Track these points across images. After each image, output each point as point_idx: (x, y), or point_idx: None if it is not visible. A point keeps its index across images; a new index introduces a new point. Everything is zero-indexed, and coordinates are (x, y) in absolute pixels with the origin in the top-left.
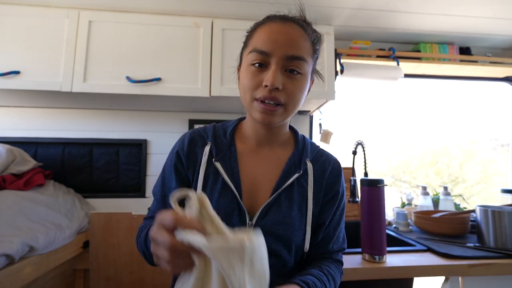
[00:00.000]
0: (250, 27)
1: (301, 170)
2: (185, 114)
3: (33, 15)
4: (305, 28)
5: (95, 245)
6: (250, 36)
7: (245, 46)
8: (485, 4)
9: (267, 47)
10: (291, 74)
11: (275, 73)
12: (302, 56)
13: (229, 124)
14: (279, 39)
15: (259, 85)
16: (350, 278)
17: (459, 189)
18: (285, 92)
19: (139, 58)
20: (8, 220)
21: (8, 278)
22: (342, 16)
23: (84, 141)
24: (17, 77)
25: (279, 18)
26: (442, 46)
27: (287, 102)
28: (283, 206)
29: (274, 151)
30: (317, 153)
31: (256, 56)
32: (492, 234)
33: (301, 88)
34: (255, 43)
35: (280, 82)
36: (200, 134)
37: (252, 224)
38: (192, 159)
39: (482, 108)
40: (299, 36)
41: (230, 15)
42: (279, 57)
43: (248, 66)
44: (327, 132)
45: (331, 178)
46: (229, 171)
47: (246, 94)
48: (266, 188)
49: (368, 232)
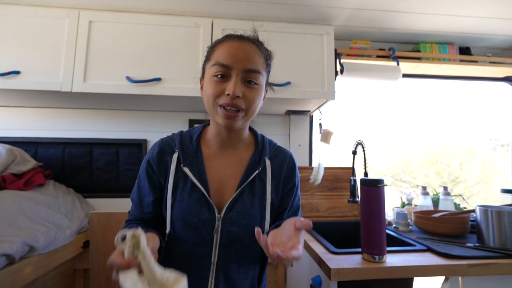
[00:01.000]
0: (210, 44)
1: (260, 167)
2: (185, 114)
3: (33, 15)
4: (259, 46)
5: (95, 245)
6: (212, 51)
7: (207, 60)
8: (485, 4)
9: (228, 61)
10: (249, 84)
11: (236, 83)
12: (258, 70)
13: (195, 130)
14: (238, 54)
15: (222, 94)
16: (350, 278)
17: (459, 189)
18: (245, 99)
19: (139, 58)
20: (8, 220)
21: (8, 278)
22: (342, 16)
23: (84, 141)
24: (17, 77)
25: (236, 37)
26: (442, 46)
27: (247, 108)
28: (246, 200)
29: (237, 152)
30: (275, 150)
31: (219, 68)
32: (492, 234)
33: (258, 95)
34: (217, 57)
35: (240, 91)
36: (168, 143)
37: (221, 217)
38: (163, 166)
39: (482, 108)
40: (255, 52)
41: (230, 15)
42: (239, 70)
43: (211, 77)
44: (327, 132)
45: (288, 172)
46: (197, 173)
47: (210, 101)
48: (231, 185)
49: (368, 232)
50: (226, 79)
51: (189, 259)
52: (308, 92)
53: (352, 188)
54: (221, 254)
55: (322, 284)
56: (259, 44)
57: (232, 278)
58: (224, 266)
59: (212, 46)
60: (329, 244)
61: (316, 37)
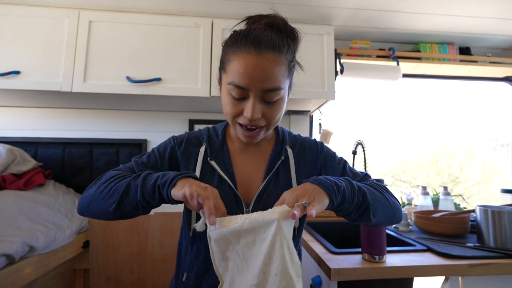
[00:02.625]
0: (226, 41)
1: (282, 156)
2: (185, 114)
3: (33, 15)
4: (280, 49)
5: (95, 245)
6: (227, 58)
7: (222, 66)
8: (485, 4)
9: (243, 83)
10: (268, 102)
11: (254, 106)
12: (278, 87)
13: (219, 126)
14: (255, 74)
15: (240, 114)
16: (350, 278)
17: (459, 189)
18: (265, 118)
19: (139, 58)
20: (8, 220)
21: (8, 278)
22: (342, 16)
23: (84, 141)
24: (17, 77)
25: (253, 45)
26: (442, 46)
27: (267, 124)
28: (272, 191)
29: (260, 147)
30: (295, 139)
31: (235, 90)
32: (492, 234)
33: (279, 110)
34: (232, 74)
35: (259, 112)
36: (195, 135)
37: (250, 210)
38: (186, 154)
39: (482, 108)
40: (274, 66)
41: (230, 15)
42: (256, 91)
43: (228, 94)
44: (327, 132)
45: (311, 154)
46: (223, 167)
47: (228, 118)
48: (257, 178)
49: (368, 232)
50: (244, 100)
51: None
52: (308, 92)
53: None
54: None
55: (322, 284)
56: (280, 43)
57: None
58: None
59: (226, 51)
60: (329, 244)
61: (316, 37)
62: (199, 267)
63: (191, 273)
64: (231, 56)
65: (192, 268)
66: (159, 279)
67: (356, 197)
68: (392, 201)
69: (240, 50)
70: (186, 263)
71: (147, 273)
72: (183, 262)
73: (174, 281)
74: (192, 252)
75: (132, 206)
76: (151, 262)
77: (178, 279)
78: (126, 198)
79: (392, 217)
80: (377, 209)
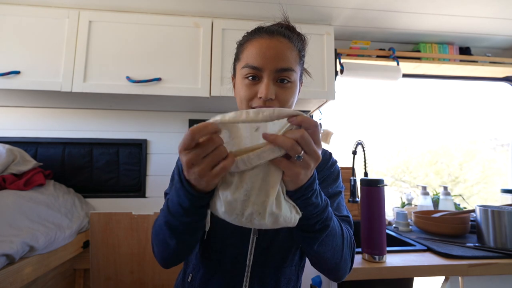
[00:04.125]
0: (240, 40)
1: None
2: (185, 114)
3: (33, 15)
4: (290, 38)
5: (95, 245)
6: (241, 49)
7: (237, 58)
8: (485, 4)
9: (258, 63)
10: (282, 84)
11: (268, 85)
12: (290, 67)
13: None
14: (268, 54)
15: (254, 96)
16: (350, 278)
17: (459, 189)
18: (278, 101)
19: (139, 58)
20: (8, 220)
21: (8, 278)
22: (342, 16)
23: (84, 141)
24: (17, 77)
25: (266, 32)
26: (442, 46)
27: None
28: None
29: None
30: None
31: (249, 71)
32: (492, 234)
33: (292, 94)
34: (246, 58)
35: (273, 93)
36: None
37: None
38: None
39: (482, 108)
40: (286, 48)
41: (230, 15)
42: (270, 70)
43: (243, 79)
44: (327, 132)
45: (318, 165)
46: None
47: (243, 104)
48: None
49: (368, 232)
50: (257, 81)
51: (224, 258)
52: (308, 92)
53: (352, 188)
54: (257, 256)
55: (322, 284)
56: (290, 35)
57: (266, 283)
58: (259, 271)
59: (241, 43)
60: None
61: (316, 37)
62: (205, 270)
63: (197, 275)
64: (244, 46)
65: (198, 271)
66: (159, 279)
67: (324, 214)
68: (345, 253)
69: (254, 38)
70: (193, 264)
71: (147, 273)
72: (190, 262)
73: (180, 280)
74: (198, 255)
75: (184, 228)
76: (151, 262)
77: (185, 279)
78: (174, 231)
79: (336, 264)
80: (327, 243)
